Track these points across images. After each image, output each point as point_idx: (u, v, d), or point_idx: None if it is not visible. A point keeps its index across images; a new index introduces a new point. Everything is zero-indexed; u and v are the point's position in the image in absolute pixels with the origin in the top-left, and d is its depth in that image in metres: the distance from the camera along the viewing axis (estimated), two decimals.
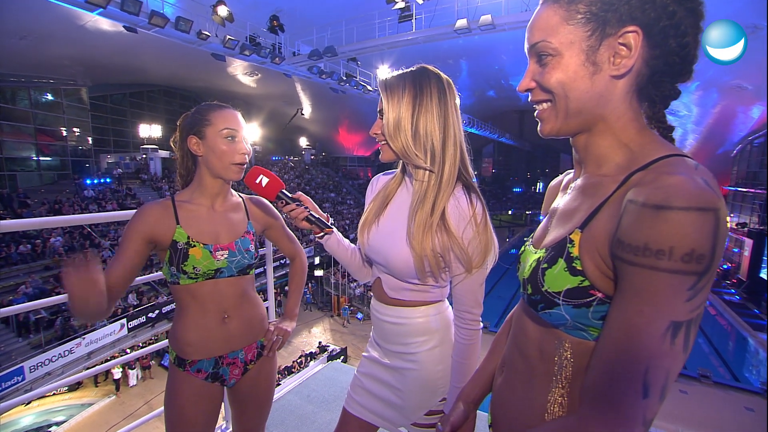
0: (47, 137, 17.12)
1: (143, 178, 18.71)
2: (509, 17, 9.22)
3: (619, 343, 0.49)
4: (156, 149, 20.04)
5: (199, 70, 19.06)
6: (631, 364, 0.47)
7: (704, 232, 0.44)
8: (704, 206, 0.44)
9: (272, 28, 11.74)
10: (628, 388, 0.47)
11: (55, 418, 10.21)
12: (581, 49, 0.56)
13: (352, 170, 33.98)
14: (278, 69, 13.13)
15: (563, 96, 0.58)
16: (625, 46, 0.55)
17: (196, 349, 1.16)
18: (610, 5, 0.54)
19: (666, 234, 0.45)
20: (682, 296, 0.46)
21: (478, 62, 20.51)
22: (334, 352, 12.83)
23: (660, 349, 0.46)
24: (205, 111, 1.16)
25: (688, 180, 0.47)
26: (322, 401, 2.25)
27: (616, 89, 0.57)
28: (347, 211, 26.43)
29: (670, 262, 0.45)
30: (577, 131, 0.62)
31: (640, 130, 0.59)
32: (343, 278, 17.91)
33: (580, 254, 0.57)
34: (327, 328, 16.50)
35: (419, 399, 1.03)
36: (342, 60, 13.72)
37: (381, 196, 1.08)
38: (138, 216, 1.11)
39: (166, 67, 19.14)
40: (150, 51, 15.73)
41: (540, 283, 0.60)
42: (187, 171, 1.24)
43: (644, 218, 0.47)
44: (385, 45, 11.36)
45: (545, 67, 0.59)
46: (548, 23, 0.58)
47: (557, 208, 0.69)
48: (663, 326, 0.46)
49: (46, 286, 10.67)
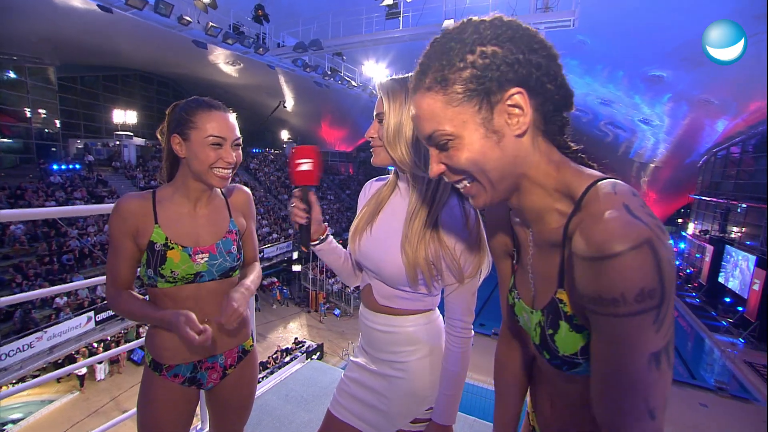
0: (8, 117, 16.14)
1: (116, 166, 17.95)
2: None
3: (614, 381, 0.51)
4: (131, 136, 19.22)
5: (179, 56, 18.38)
6: (632, 398, 0.50)
7: (645, 268, 0.46)
8: (636, 243, 0.46)
9: (257, 18, 11.44)
10: (638, 418, 0.50)
11: (12, 415, 9.67)
12: (477, 123, 0.56)
13: (333, 165, 33.72)
14: (262, 60, 12.84)
15: (480, 171, 0.58)
16: (515, 107, 0.56)
17: (174, 354, 1.11)
18: (485, 78, 0.55)
19: (612, 283, 0.47)
20: (650, 330, 0.48)
21: None
22: (311, 348, 12.75)
23: (649, 378, 0.49)
24: (192, 111, 1.08)
25: (615, 218, 0.48)
26: (300, 401, 2.23)
27: (524, 145, 0.58)
28: (327, 206, 26.23)
29: (627, 307, 0.47)
30: (508, 195, 0.63)
31: (558, 169, 0.61)
32: (321, 274, 17.79)
33: (573, 311, 0.59)
34: (304, 323, 16.38)
35: (406, 407, 1.03)
36: (327, 54, 13.55)
37: (374, 202, 1.07)
38: (118, 212, 1.05)
39: (142, 51, 18.33)
40: (125, 33, 15.02)
41: (555, 350, 0.62)
42: (172, 166, 1.18)
43: (589, 272, 0.50)
44: (371, 41, 11.30)
45: (449, 150, 0.59)
46: (433, 112, 0.58)
47: (530, 263, 0.70)
48: (644, 360, 0.49)
49: (4, 276, 10.11)
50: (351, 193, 31.32)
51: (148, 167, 18.98)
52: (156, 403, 1.11)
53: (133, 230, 1.05)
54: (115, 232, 1.05)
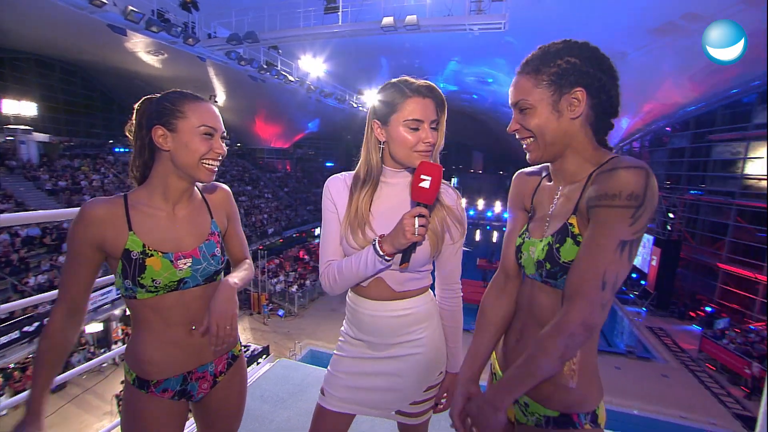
0: None
1: (11, 165, 15.58)
2: (433, 20, 9.68)
3: (587, 256, 0.76)
4: (30, 131, 16.78)
5: (87, 40, 16.37)
6: (594, 269, 0.74)
7: (639, 181, 0.73)
8: (638, 166, 0.75)
9: (185, 5, 10.57)
10: (592, 284, 0.74)
11: None
12: (548, 102, 0.84)
13: (270, 162, 32.57)
14: (192, 51, 11.88)
15: (541, 134, 0.86)
16: (576, 100, 0.83)
17: (161, 369, 1.03)
18: (563, 77, 0.83)
19: (615, 184, 0.75)
20: (626, 221, 0.73)
21: (399, 59, 21.09)
22: (256, 351, 12.28)
23: (613, 259, 0.73)
24: (177, 101, 1.00)
25: (627, 157, 0.79)
26: (277, 400, 2.22)
27: (575, 126, 0.85)
28: (265, 204, 25.28)
29: (619, 201, 0.74)
30: (554, 158, 0.90)
31: (594, 149, 0.88)
32: (262, 275, 17.18)
33: (579, 230, 0.83)
34: (247, 326, 15.70)
35: (424, 378, 1.12)
36: (263, 47, 13.00)
37: (360, 197, 1.07)
38: (82, 219, 0.95)
39: (38, 31, 15.97)
40: (13, 7, 13.01)
41: (557, 258, 0.84)
42: (144, 165, 1.07)
43: (604, 178, 0.79)
44: (310, 35, 11.07)
45: (525, 115, 0.87)
46: (524, 87, 0.87)
47: (550, 213, 0.92)
48: (615, 243, 0.74)
49: None
50: (289, 190, 30.48)
51: (56, 167, 16.76)
52: (146, 425, 1.03)
53: (98, 239, 0.96)
54: (75, 240, 0.95)
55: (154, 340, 1.03)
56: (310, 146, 39.39)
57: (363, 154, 1.08)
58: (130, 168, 1.10)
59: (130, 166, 1.09)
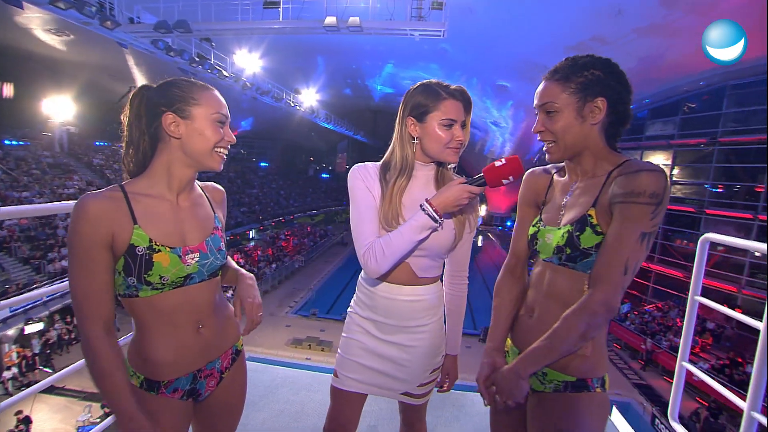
0: None
1: None
2: (376, 23, 9.89)
3: (613, 245, 0.88)
4: None
5: None
6: (619, 256, 0.87)
7: (660, 182, 0.87)
8: (658, 169, 0.88)
9: None
10: (617, 269, 0.86)
11: None
12: (574, 108, 0.96)
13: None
14: (112, 36, 10.64)
15: (563, 136, 0.98)
16: (598, 108, 0.95)
17: (173, 369, 1.00)
18: (588, 86, 0.94)
19: (640, 183, 0.87)
20: (648, 216, 0.86)
21: (336, 59, 21.04)
22: None
23: (635, 248, 0.86)
24: (188, 88, 0.97)
25: (647, 162, 0.93)
26: (249, 403, 2.11)
27: (594, 131, 0.98)
28: None
29: (643, 198, 0.86)
30: (570, 157, 1.03)
31: (608, 152, 1.01)
32: None
33: (598, 221, 0.95)
34: None
35: (429, 363, 1.21)
36: (194, 39, 12.14)
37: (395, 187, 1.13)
38: (86, 217, 0.87)
39: None
40: None
41: (577, 244, 0.96)
42: (144, 156, 1.01)
43: (629, 179, 0.90)
44: (248, 30, 10.66)
45: (551, 118, 0.98)
46: (552, 92, 0.97)
47: (564, 204, 1.05)
48: (637, 234, 0.86)
49: None
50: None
51: None
52: (157, 426, 0.97)
53: (108, 237, 0.88)
54: (85, 243, 0.87)
55: (162, 341, 0.99)
56: (243, 145, 37.59)
57: (397, 148, 1.15)
58: (122, 160, 1.03)
59: (123, 157, 1.03)
